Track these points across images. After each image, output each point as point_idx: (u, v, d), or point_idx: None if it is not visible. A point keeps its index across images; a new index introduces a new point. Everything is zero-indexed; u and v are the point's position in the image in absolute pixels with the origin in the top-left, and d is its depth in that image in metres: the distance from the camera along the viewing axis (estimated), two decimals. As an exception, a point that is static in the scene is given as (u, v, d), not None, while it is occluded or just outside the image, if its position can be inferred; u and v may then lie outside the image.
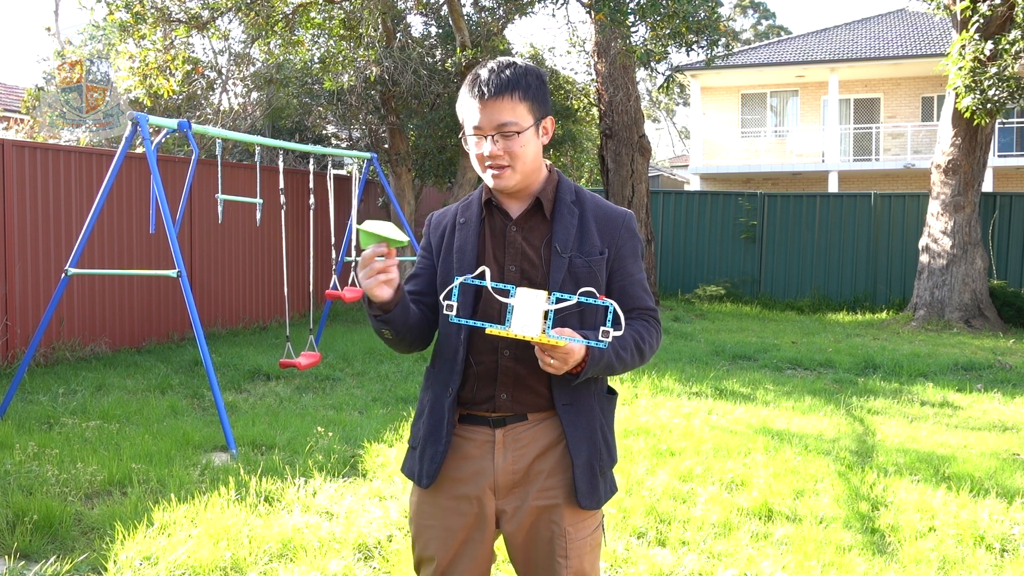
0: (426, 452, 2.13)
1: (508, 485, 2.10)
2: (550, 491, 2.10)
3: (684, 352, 9.96)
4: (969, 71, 12.05)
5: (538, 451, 2.11)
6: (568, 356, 1.94)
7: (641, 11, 10.71)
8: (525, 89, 2.04)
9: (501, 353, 2.07)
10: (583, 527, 2.12)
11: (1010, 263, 14.92)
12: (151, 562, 3.65)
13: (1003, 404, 7.59)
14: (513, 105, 2.03)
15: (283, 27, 12.16)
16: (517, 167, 2.06)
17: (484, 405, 2.10)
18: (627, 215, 2.18)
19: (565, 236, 2.09)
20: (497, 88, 2.02)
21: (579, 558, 2.11)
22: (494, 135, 2.03)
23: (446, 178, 14.88)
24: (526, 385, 2.08)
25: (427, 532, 2.16)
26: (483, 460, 2.11)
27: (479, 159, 2.09)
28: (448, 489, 2.12)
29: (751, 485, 4.86)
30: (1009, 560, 3.95)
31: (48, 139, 11.32)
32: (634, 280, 2.15)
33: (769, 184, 24.19)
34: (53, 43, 19.81)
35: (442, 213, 2.25)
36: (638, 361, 2.11)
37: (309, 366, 7.01)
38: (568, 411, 2.09)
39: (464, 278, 2.04)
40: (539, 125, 2.09)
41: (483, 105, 2.03)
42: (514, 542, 2.14)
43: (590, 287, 2.04)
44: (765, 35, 42.24)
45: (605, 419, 2.16)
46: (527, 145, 2.06)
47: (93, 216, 6.27)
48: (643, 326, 2.13)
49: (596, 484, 2.11)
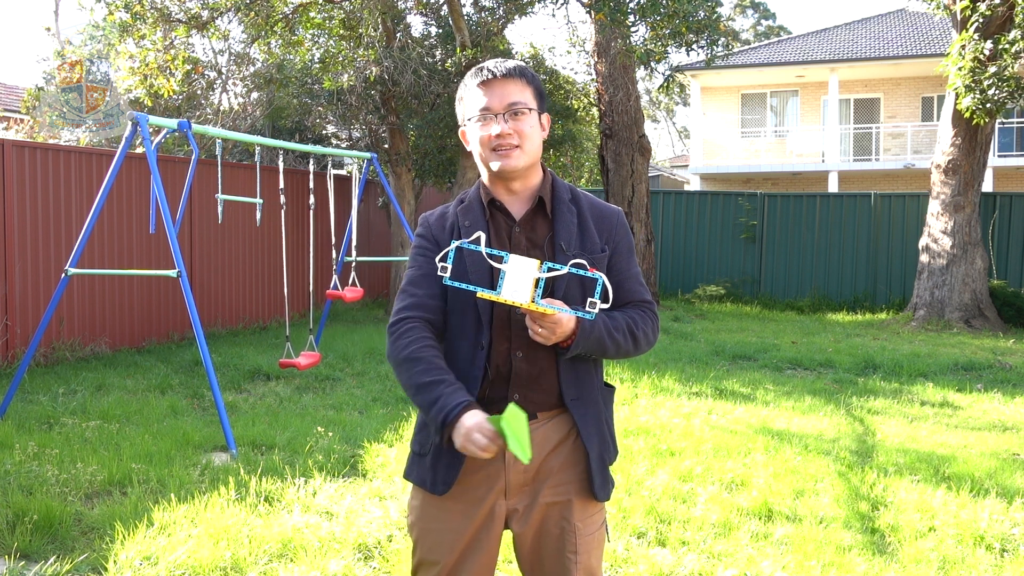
0: (441, 460, 2.10)
1: (519, 484, 2.11)
2: (561, 487, 2.11)
3: (684, 352, 9.96)
4: (969, 71, 12.04)
5: (549, 448, 2.11)
6: (556, 326, 1.96)
7: (641, 11, 10.70)
8: (531, 78, 2.12)
9: (514, 354, 2.08)
10: (591, 522, 2.14)
11: (1010, 263, 14.92)
12: (151, 562, 3.65)
13: (1003, 404, 7.59)
14: (522, 87, 2.10)
15: (283, 27, 12.16)
16: (525, 147, 2.08)
17: (496, 406, 2.08)
18: (620, 212, 2.22)
19: (568, 235, 2.11)
20: (506, 70, 2.09)
21: (587, 554, 2.12)
22: (504, 114, 2.06)
23: (446, 178, 14.87)
24: (537, 384, 2.10)
25: (432, 536, 2.14)
26: (495, 462, 2.09)
27: (485, 143, 2.09)
28: (457, 493, 2.11)
29: (751, 485, 4.86)
30: (1009, 560, 3.95)
31: (48, 139, 11.32)
32: (630, 275, 2.18)
33: (769, 184, 24.19)
34: (53, 43, 19.83)
35: (441, 214, 2.19)
36: (631, 345, 2.12)
37: (309, 366, 7.01)
38: (577, 405, 2.10)
39: (460, 242, 2.06)
40: (540, 116, 2.15)
41: (492, 87, 2.07)
42: (523, 540, 2.13)
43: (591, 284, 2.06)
44: (765, 35, 42.24)
45: (608, 412, 2.20)
46: (535, 128, 2.11)
47: (93, 216, 6.27)
48: (638, 314, 2.16)
49: (607, 476, 2.16)
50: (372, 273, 14.57)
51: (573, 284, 2.07)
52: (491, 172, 2.12)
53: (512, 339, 2.07)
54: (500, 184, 2.14)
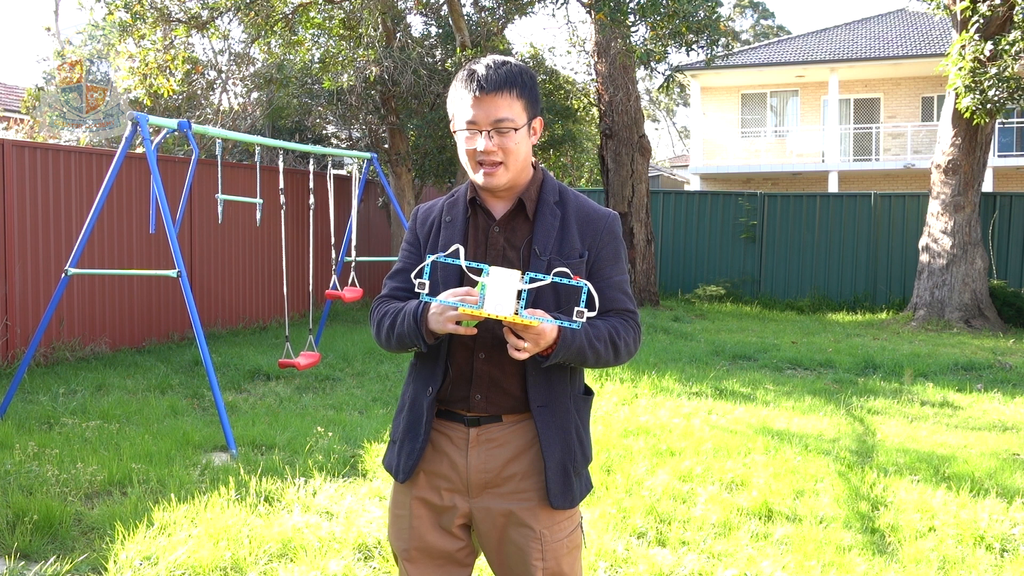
0: (404, 447, 2.14)
1: (480, 485, 2.09)
2: (524, 493, 2.09)
3: (684, 352, 9.96)
4: (969, 71, 12.05)
5: (511, 454, 2.09)
6: (539, 337, 1.93)
7: (641, 11, 10.71)
8: (521, 87, 2.04)
9: (476, 355, 2.06)
10: (559, 529, 2.10)
11: (1010, 263, 14.92)
12: (151, 562, 3.65)
13: (1003, 404, 7.59)
14: (510, 102, 2.02)
15: (283, 27, 12.16)
16: (510, 164, 2.05)
17: (459, 404, 2.10)
18: (610, 217, 2.15)
19: (545, 238, 2.07)
20: (495, 84, 2.01)
21: (556, 560, 2.09)
22: (489, 131, 2.02)
23: (446, 178, 14.88)
24: (500, 387, 2.08)
25: (398, 522, 2.17)
26: (458, 457, 2.11)
27: (470, 155, 2.07)
28: (423, 481, 2.13)
29: (751, 485, 4.86)
30: (1009, 560, 3.95)
31: (48, 139, 11.32)
32: (611, 283, 2.12)
33: (769, 184, 24.20)
34: (53, 43, 19.83)
35: (429, 208, 2.22)
36: (611, 356, 2.08)
37: (308, 366, 7.01)
38: (543, 412, 2.07)
39: (436, 256, 2.03)
40: (530, 124, 2.09)
41: (479, 100, 2.01)
42: (488, 544, 2.13)
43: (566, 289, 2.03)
44: (765, 35, 42.23)
45: (580, 420, 2.15)
46: (521, 143, 2.06)
47: (93, 216, 6.27)
48: (620, 323, 2.11)
49: (570, 484, 2.10)
50: (372, 273, 14.57)
51: (546, 289, 2.04)
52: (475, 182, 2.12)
53: (476, 339, 2.04)
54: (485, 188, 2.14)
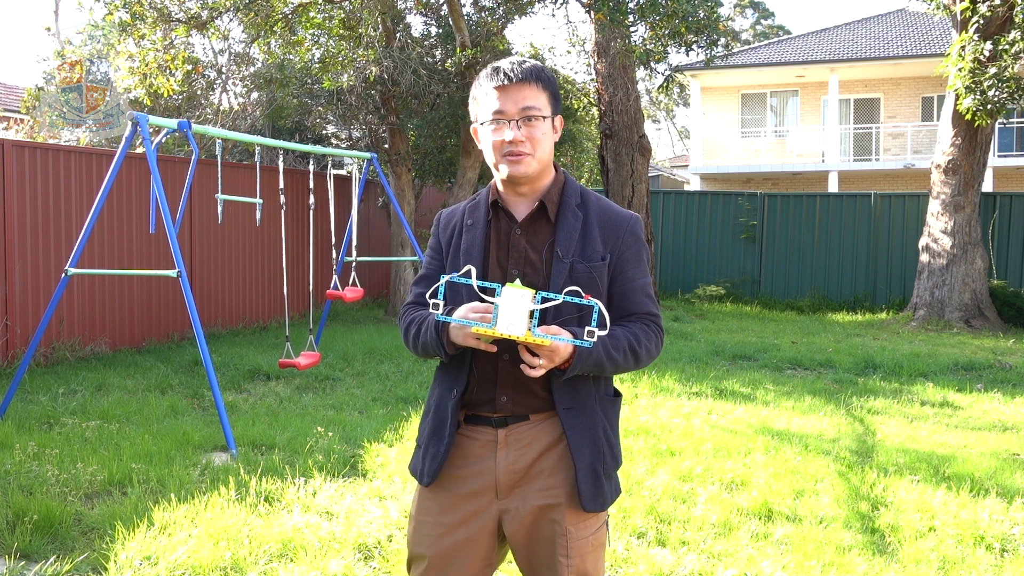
0: (428, 451, 2.15)
1: (509, 484, 2.10)
2: (552, 490, 2.09)
3: (684, 352, 9.96)
4: (969, 72, 12.04)
5: (540, 450, 2.10)
6: (553, 354, 1.94)
7: (641, 11, 10.70)
8: (546, 81, 2.10)
9: (500, 357, 2.07)
10: (585, 526, 2.11)
11: (1010, 263, 14.92)
12: (151, 562, 3.65)
13: (1003, 404, 7.59)
14: (537, 92, 2.07)
15: (283, 27, 12.16)
16: (537, 154, 2.07)
17: (486, 407, 2.11)
18: (632, 219, 2.16)
19: (567, 241, 2.08)
20: (522, 75, 2.06)
21: (581, 557, 2.10)
22: (518, 120, 2.05)
23: (446, 178, 14.87)
24: (526, 388, 2.08)
25: (423, 528, 2.16)
26: (486, 459, 2.11)
27: (496, 147, 2.08)
28: (450, 487, 2.13)
29: (751, 485, 4.86)
30: (1009, 560, 3.95)
31: (48, 139, 11.32)
32: (635, 285, 2.13)
33: (769, 184, 24.20)
34: (53, 43, 19.83)
35: (451, 212, 2.24)
36: (632, 363, 2.09)
37: (308, 366, 7.01)
38: (569, 415, 2.08)
39: (450, 276, 2.04)
40: (553, 120, 2.12)
41: (507, 90, 2.05)
42: (516, 542, 2.13)
43: (588, 291, 2.04)
44: (765, 35, 42.23)
45: (608, 422, 2.15)
46: (547, 135, 2.09)
47: (93, 216, 6.27)
48: (641, 329, 2.11)
49: (600, 487, 2.10)
50: (372, 273, 14.57)
51: (568, 287, 2.03)
52: (501, 176, 2.13)
53: (499, 341, 2.04)
54: (508, 186, 2.14)
